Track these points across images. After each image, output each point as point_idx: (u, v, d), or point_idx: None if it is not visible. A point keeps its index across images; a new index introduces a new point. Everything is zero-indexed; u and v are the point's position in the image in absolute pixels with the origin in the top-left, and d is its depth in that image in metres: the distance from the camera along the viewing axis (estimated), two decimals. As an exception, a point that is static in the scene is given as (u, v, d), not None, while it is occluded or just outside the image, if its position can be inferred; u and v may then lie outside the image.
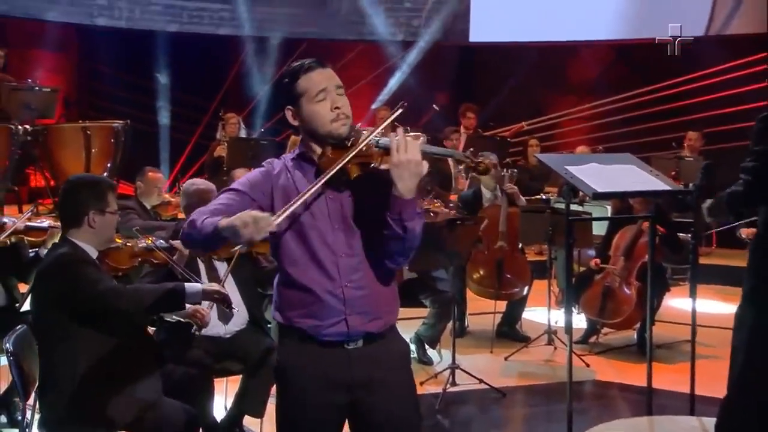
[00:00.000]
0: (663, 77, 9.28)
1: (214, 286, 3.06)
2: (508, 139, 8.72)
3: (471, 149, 2.23)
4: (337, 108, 2.12)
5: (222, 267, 3.62)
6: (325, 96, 2.12)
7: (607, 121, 9.74)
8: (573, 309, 4.91)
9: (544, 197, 7.17)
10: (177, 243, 3.32)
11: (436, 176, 7.10)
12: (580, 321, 5.34)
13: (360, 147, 2.06)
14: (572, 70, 10.48)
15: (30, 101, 7.32)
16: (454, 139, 7.70)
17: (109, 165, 7.36)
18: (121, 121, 7.52)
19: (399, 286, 2.29)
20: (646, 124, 9.26)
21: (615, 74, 10.10)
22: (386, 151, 2.05)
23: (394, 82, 10.11)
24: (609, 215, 6.15)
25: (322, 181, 2.06)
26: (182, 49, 9.56)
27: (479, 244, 5.38)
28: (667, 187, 3.58)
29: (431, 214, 4.64)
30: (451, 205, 5.68)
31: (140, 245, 3.34)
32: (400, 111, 2.11)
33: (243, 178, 2.22)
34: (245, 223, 1.92)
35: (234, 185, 2.20)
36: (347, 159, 2.06)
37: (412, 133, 2.05)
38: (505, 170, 5.73)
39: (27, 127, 7.14)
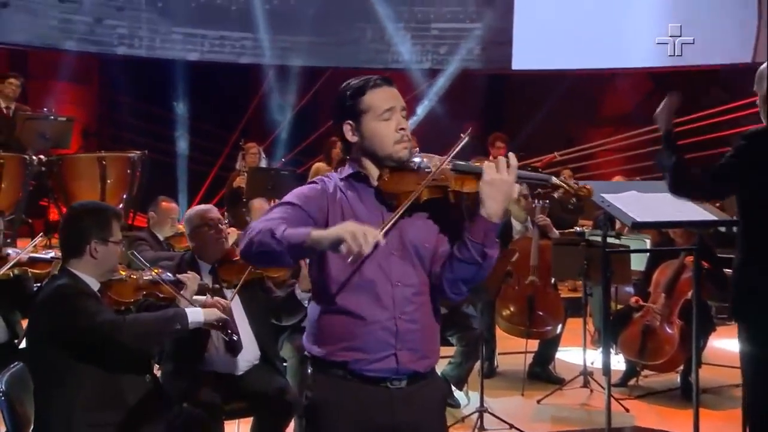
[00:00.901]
0: (704, 106, 9.16)
1: (216, 312, 2.95)
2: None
3: (564, 174, 2.16)
4: (402, 129, 2.10)
5: (230, 295, 3.50)
6: (390, 116, 2.10)
7: (645, 152, 9.56)
8: (611, 349, 4.74)
9: (578, 230, 7.04)
10: (184, 276, 3.22)
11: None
12: (618, 362, 5.21)
13: (440, 170, 2.03)
14: (607, 99, 10.42)
15: (45, 131, 7.36)
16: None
17: (125, 196, 7.38)
18: (137, 152, 7.54)
19: None
20: (686, 156, 9.06)
21: (653, 103, 9.95)
22: (463, 174, 2.04)
23: (421, 111, 10.09)
24: (647, 248, 5.99)
25: (420, 189, 2.01)
26: (202, 78, 9.66)
27: (509, 278, 5.30)
28: (713, 217, 3.45)
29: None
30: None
31: (146, 277, 3.22)
32: (467, 136, 2.09)
33: (296, 191, 2.15)
34: (355, 235, 1.86)
35: (287, 198, 2.13)
36: (428, 181, 2.03)
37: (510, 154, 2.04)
38: (536, 201, 5.65)
39: (42, 157, 7.18)
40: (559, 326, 5.33)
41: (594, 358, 5.52)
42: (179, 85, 9.61)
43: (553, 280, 5.47)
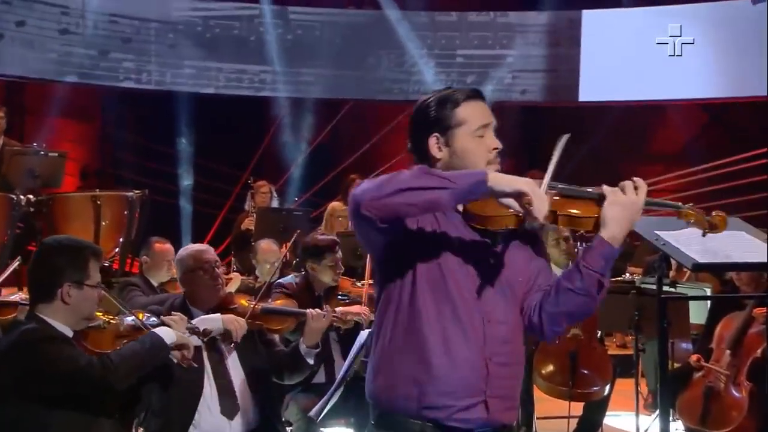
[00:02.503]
0: (766, 140, 8.94)
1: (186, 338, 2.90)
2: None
3: (691, 203, 2.16)
4: (495, 149, 2.11)
5: (228, 350, 3.40)
6: (484, 133, 2.10)
7: (700, 192, 9.43)
8: (668, 415, 4.52)
9: (627, 278, 6.87)
10: (169, 318, 3.08)
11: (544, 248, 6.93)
12: (676, 430, 4.99)
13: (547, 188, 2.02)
14: (658, 134, 10.29)
15: (34, 167, 7.30)
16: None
17: (121, 240, 7.21)
18: (137, 191, 7.45)
19: None
20: (747, 196, 8.93)
21: (708, 138, 9.85)
22: (568, 197, 2.04)
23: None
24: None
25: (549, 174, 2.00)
26: (211, 112, 9.64)
27: None
28: None
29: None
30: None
31: (127, 323, 3.08)
32: (565, 139, 2.14)
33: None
34: (537, 194, 1.89)
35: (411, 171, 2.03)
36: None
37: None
38: (579, 244, 5.62)
39: (30, 197, 7.09)
40: (607, 387, 5.17)
41: (648, 424, 5.33)
42: (184, 120, 9.62)
43: (599, 334, 5.39)
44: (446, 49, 10.38)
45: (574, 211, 2.03)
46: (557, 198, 2.04)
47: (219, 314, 3.32)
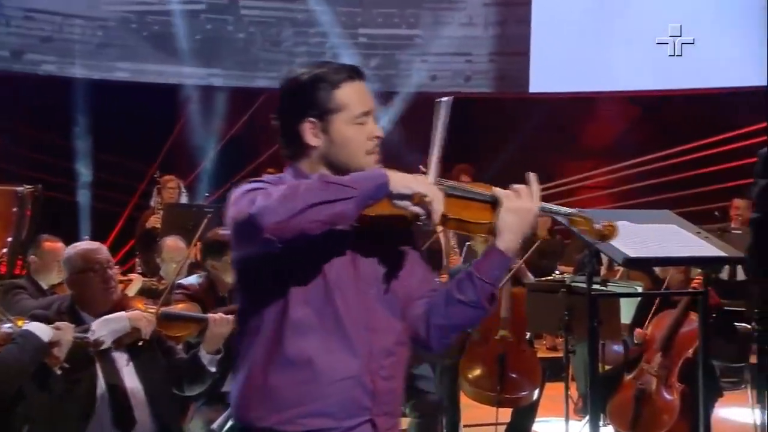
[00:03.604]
0: (700, 135, 9.19)
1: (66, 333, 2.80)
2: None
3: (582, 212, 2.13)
4: (376, 138, 2.03)
5: (122, 359, 3.30)
6: (365, 120, 2.01)
7: (632, 187, 9.64)
8: (599, 420, 4.55)
9: (557, 276, 6.88)
10: (53, 327, 2.94)
11: (425, 254, 6.93)
12: None
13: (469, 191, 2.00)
14: (588, 128, 10.42)
15: None
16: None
17: (9, 239, 7.01)
18: (28, 186, 7.20)
19: None
20: (680, 192, 9.15)
21: (640, 133, 10.03)
22: (461, 199, 1.98)
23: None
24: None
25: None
26: (112, 102, 9.35)
27: (475, 333, 5.19)
28: (722, 254, 3.27)
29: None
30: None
31: (4, 330, 2.92)
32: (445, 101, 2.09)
33: (254, 182, 1.93)
34: (436, 195, 1.86)
35: (254, 185, 1.91)
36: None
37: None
38: None
39: None
40: (536, 392, 5.21)
41: (578, 430, 5.35)
42: (82, 109, 9.31)
43: (528, 336, 5.39)
44: (348, 28, 10.15)
45: (466, 215, 1.97)
46: (447, 199, 1.95)
47: (123, 312, 3.17)
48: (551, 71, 9.95)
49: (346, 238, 1.94)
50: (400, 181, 1.84)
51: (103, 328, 3.15)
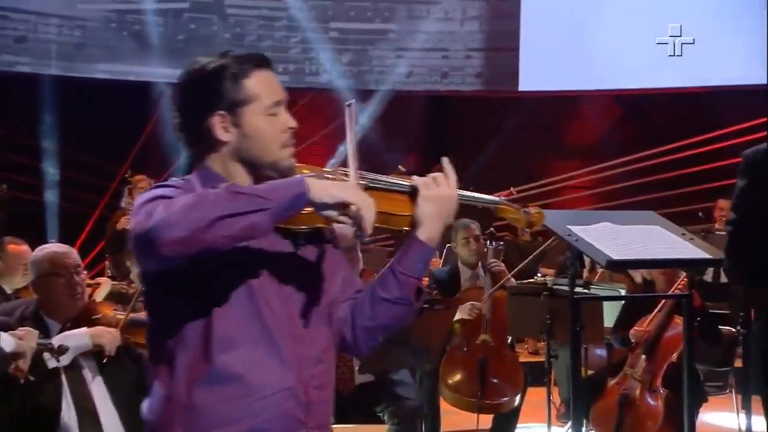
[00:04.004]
0: (683, 134, 9.27)
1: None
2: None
3: (512, 198, 2.01)
4: (290, 129, 1.93)
5: (90, 367, 3.26)
6: (278, 111, 1.92)
7: (615, 188, 9.70)
8: (582, 426, 4.59)
9: (539, 278, 6.89)
10: (15, 333, 2.89)
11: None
12: None
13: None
14: (571, 127, 10.44)
15: None
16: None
17: (-28, 241, 6.90)
18: (-8, 186, 7.15)
19: (348, 393, 2.18)
20: (665, 192, 9.21)
21: (623, 132, 10.06)
22: (381, 191, 1.93)
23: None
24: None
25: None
26: (82, 99, 9.26)
27: (455, 337, 5.21)
28: (707, 256, 3.27)
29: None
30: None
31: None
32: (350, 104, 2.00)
33: (162, 188, 1.84)
34: (366, 203, 1.77)
35: (160, 192, 1.80)
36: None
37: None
38: (488, 243, 5.62)
39: None
40: (518, 397, 5.22)
41: None
42: (47, 106, 9.22)
43: (509, 340, 5.41)
44: (318, 21, 10.04)
45: (387, 207, 1.91)
46: (368, 192, 1.89)
47: (85, 328, 3.11)
48: (538, 69, 9.92)
49: (266, 242, 1.87)
50: (321, 189, 1.74)
51: (63, 343, 3.10)
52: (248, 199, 1.69)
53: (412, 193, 1.93)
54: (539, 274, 7.10)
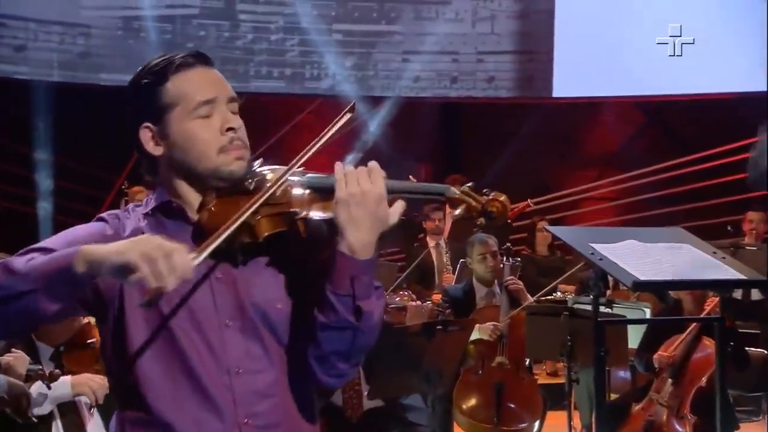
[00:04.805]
0: (710, 143, 9.19)
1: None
2: (509, 221, 8.44)
3: (468, 185, 1.79)
4: (230, 130, 1.77)
5: (87, 404, 3.19)
6: (211, 111, 1.77)
7: (638, 200, 9.63)
8: None
9: (558, 296, 6.96)
10: (5, 358, 2.86)
11: (415, 270, 6.90)
12: None
13: (274, 189, 1.72)
14: (590, 135, 10.40)
15: None
16: (436, 219, 7.53)
17: (-39, 255, 6.89)
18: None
19: (356, 419, 1.87)
20: (689, 204, 9.15)
21: (646, 140, 10.01)
22: (321, 192, 1.76)
23: (360, 147, 9.90)
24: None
25: (237, 223, 1.67)
26: (72, 106, 9.25)
27: (470, 359, 5.20)
28: (741, 276, 3.21)
29: (399, 310, 4.32)
30: (428, 302, 5.52)
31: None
32: (350, 113, 1.83)
33: (65, 234, 1.78)
34: (152, 259, 1.54)
35: (47, 243, 1.74)
36: (254, 209, 1.70)
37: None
38: (505, 259, 5.63)
39: None
40: (537, 423, 5.21)
41: None
42: (40, 113, 9.20)
43: (527, 362, 5.40)
44: (321, 23, 9.94)
45: (314, 213, 1.74)
46: (302, 193, 1.77)
47: (69, 377, 3.03)
48: (566, 74, 9.87)
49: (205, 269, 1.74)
50: (97, 253, 1.59)
51: (40, 396, 3.05)
52: (15, 280, 1.61)
53: (331, 190, 1.74)
54: (558, 292, 7.07)
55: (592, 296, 3.57)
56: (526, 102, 10.12)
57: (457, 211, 1.77)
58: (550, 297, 6.89)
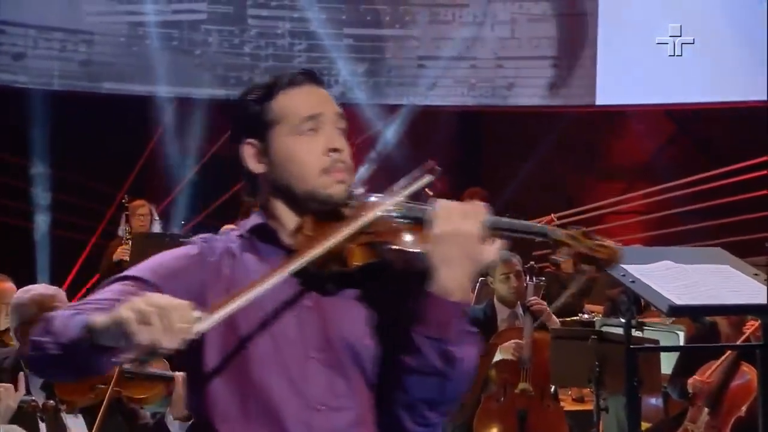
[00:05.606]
0: (745, 154, 9.11)
1: None
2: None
3: (581, 228, 1.83)
4: (334, 151, 1.80)
5: (77, 425, 3.17)
6: (315, 127, 1.81)
7: (668, 214, 9.56)
8: None
9: (585, 317, 6.86)
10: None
11: None
12: None
13: (369, 218, 1.75)
14: (616, 145, 10.34)
15: None
16: (454, 235, 7.44)
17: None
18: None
19: None
20: (723, 219, 9.09)
21: (677, 151, 9.96)
22: (416, 222, 1.77)
23: (374, 157, 9.85)
24: (682, 344, 5.79)
25: (293, 267, 1.69)
26: (71, 115, 9.28)
27: (491, 385, 5.19)
28: None
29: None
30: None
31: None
32: (431, 175, 1.83)
33: (154, 260, 1.82)
34: (144, 316, 1.53)
35: (133, 271, 1.81)
36: (346, 236, 1.72)
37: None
38: (528, 278, 5.60)
39: None
40: None
41: None
42: (37, 123, 9.21)
43: (552, 389, 5.36)
44: (330, 27, 9.86)
45: (398, 243, 1.75)
46: (398, 223, 1.78)
47: None
48: (592, 81, 9.81)
49: (279, 286, 1.74)
50: (100, 321, 1.59)
51: None
52: (48, 342, 1.66)
53: (427, 223, 1.74)
54: (585, 313, 7.02)
55: (623, 320, 3.54)
56: (549, 110, 10.08)
57: (561, 256, 1.80)
58: (576, 318, 6.91)
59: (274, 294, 1.73)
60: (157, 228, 8.25)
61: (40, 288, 3.58)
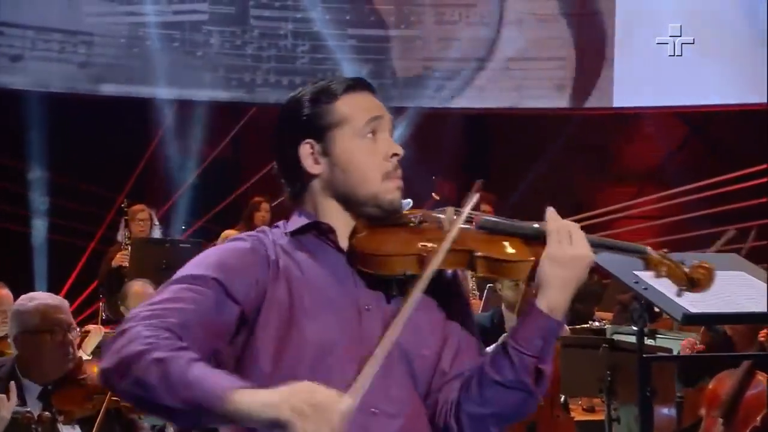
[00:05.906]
0: (759, 158, 9.09)
1: None
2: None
3: (664, 250, 1.91)
4: (395, 156, 1.86)
5: None
6: (376, 128, 1.86)
7: (680, 219, 9.56)
8: None
9: (595, 325, 6.84)
10: None
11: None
12: None
13: (458, 225, 1.79)
14: (628, 148, 10.31)
15: None
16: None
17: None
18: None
19: None
20: (738, 224, 8.95)
21: (690, 154, 9.95)
22: (502, 235, 1.84)
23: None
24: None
25: (422, 284, 1.71)
26: (69, 118, 9.30)
27: None
28: None
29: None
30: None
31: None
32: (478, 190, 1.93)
33: (210, 255, 1.84)
34: (302, 412, 1.54)
35: (193, 270, 1.78)
36: (452, 239, 1.76)
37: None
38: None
39: None
40: None
41: None
42: (34, 125, 9.23)
43: (562, 398, 5.35)
44: (333, 28, 9.87)
45: (499, 252, 1.80)
46: (476, 232, 1.83)
47: None
48: (602, 82, 9.81)
49: (344, 287, 1.81)
50: (252, 400, 1.58)
51: None
52: (177, 388, 1.61)
53: (538, 239, 1.82)
54: (595, 320, 7.00)
55: (635, 329, 3.52)
56: (558, 113, 10.08)
57: (661, 276, 1.86)
58: (586, 326, 6.90)
59: (337, 293, 1.80)
60: (157, 233, 8.26)
61: (45, 297, 3.57)
